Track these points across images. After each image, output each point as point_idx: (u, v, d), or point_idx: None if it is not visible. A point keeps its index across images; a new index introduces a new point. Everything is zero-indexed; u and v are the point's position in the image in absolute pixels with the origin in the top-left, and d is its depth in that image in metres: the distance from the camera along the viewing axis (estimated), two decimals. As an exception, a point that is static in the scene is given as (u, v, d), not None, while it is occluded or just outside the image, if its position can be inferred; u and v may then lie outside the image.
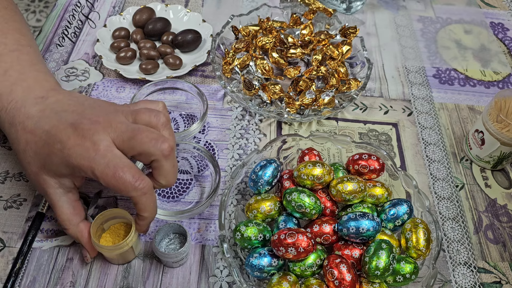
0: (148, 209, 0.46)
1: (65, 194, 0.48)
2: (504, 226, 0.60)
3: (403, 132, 0.69)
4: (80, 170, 0.44)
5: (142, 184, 0.44)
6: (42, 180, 0.47)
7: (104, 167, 0.43)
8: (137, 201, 0.45)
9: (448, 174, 0.65)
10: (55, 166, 0.45)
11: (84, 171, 0.43)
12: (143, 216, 0.47)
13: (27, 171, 0.48)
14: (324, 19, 0.78)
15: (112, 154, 0.44)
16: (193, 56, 0.75)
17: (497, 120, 0.60)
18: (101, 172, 0.43)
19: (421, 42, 0.84)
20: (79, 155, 0.43)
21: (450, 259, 0.57)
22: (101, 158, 0.43)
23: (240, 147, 0.65)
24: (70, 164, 0.44)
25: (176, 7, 0.80)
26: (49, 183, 0.46)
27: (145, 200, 0.45)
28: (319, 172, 0.52)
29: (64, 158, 0.44)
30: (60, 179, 0.46)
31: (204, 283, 0.52)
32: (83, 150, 0.43)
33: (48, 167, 0.45)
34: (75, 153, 0.43)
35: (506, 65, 0.82)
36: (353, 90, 0.69)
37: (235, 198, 0.58)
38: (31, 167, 0.47)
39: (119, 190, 0.44)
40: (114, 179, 0.43)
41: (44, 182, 0.47)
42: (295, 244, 0.47)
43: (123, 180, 0.43)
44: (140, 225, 0.49)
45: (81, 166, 0.43)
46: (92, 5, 0.83)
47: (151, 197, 0.46)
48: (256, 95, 0.67)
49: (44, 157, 0.45)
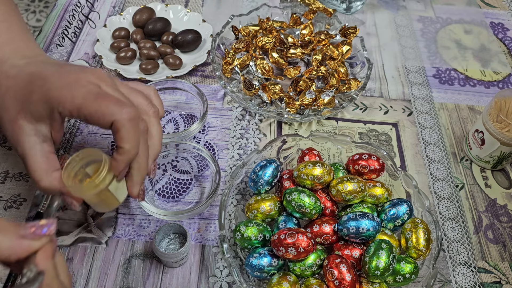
0: (130, 139, 0.42)
1: (39, 143, 0.44)
2: (504, 226, 0.60)
3: (403, 132, 0.69)
4: (60, 103, 0.41)
5: (128, 107, 0.41)
6: (17, 127, 0.44)
7: (86, 93, 0.41)
8: (119, 127, 0.41)
9: (448, 174, 0.65)
10: (34, 105, 0.42)
11: (63, 102, 0.41)
12: (122, 148, 0.42)
13: (3, 119, 0.45)
14: (324, 19, 0.78)
15: (94, 86, 0.42)
16: (193, 56, 0.75)
17: (497, 120, 0.60)
18: (83, 98, 0.41)
19: (421, 42, 0.84)
20: (60, 86, 0.42)
21: (450, 259, 0.57)
22: (82, 87, 0.41)
23: (240, 147, 0.65)
24: (50, 98, 0.42)
25: (176, 7, 0.80)
26: (25, 130, 0.43)
27: (129, 127, 0.41)
28: (319, 172, 0.52)
29: (44, 93, 0.42)
30: (37, 125, 0.43)
31: (204, 283, 0.52)
32: (65, 82, 0.42)
33: (27, 108, 0.43)
34: (56, 85, 0.42)
35: (506, 65, 0.82)
36: (353, 90, 0.69)
37: (235, 198, 0.58)
38: (9, 113, 0.44)
39: (101, 115, 0.41)
40: (97, 103, 0.41)
41: (20, 129, 0.43)
42: (295, 244, 0.47)
43: (106, 102, 0.41)
44: (118, 161, 0.43)
45: (61, 97, 0.41)
46: (92, 5, 0.83)
47: (136, 127, 0.42)
48: (256, 95, 0.67)
49: (23, 98, 0.43)
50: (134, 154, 0.43)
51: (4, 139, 0.62)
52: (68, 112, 0.42)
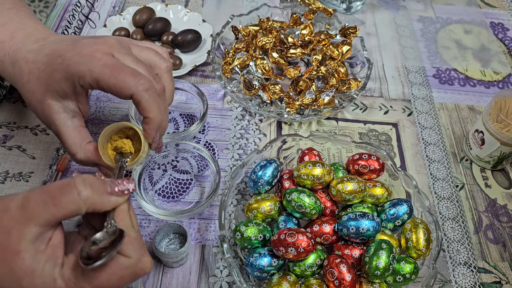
0: (153, 108, 0.44)
1: (70, 119, 0.47)
2: (504, 226, 0.60)
3: (403, 132, 0.69)
4: (80, 77, 0.44)
5: (143, 79, 0.43)
6: (47, 107, 0.46)
7: (102, 67, 0.43)
8: (139, 99, 0.43)
9: (448, 174, 0.65)
10: (58, 83, 0.45)
11: (83, 77, 0.43)
12: (148, 118, 0.45)
13: (32, 103, 0.47)
14: (324, 19, 0.78)
15: (109, 58, 0.44)
16: (193, 56, 0.75)
17: (497, 120, 0.60)
18: (100, 73, 0.43)
19: (421, 42, 0.84)
20: (77, 62, 0.44)
21: (450, 259, 0.57)
22: (98, 61, 0.43)
23: (240, 147, 0.65)
24: (70, 75, 0.44)
25: (176, 7, 0.80)
26: (54, 108, 0.46)
27: (148, 97, 0.44)
28: (319, 172, 0.52)
29: (64, 71, 0.44)
30: (64, 102, 0.46)
31: (204, 283, 0.52)
32: (81, 57, 0.44)
33: (52, 88, 0.45)
34: (74, 61, 0.44)
35: (506, 65, 0.82)
36: (353, 90, 0.69)
37: (235, 198, 0.58)
38: (35, 96, 0.46)
39: (120, 89, 0.43)
40: (114, 77, 0.43)
41: (49, 109, 0.46)
42: (295, 244, 0.47)
43: (122, 76, 0.43)
44: (147, 130, 0.46)
45: (80, 72, 0.43)
46: (92, 5, 0.83)
47: (154, 95, 0.44)
48: (256, 95, 0.67)
49: (46, 79, 0.45)
50: (160, 119, 0.45)
51: (4, 139, 0.62)
52: (88, 85, 0.44)
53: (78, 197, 0.34)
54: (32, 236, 0.33)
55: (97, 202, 0.35)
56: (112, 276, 0.35)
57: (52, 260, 0.34)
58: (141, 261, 0.36)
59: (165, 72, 0.50)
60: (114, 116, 0.66)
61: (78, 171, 0.57)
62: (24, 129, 0.63)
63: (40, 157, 0.61)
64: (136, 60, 0.46)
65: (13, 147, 0.62)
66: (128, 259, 0.36)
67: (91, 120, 0.65)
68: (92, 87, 0.45)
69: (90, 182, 0.35)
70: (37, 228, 0.33)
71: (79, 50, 0.45)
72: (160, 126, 0.46)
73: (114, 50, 0.45)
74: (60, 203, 0.33)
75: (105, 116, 0.66)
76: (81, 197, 0.34)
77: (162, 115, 0.46)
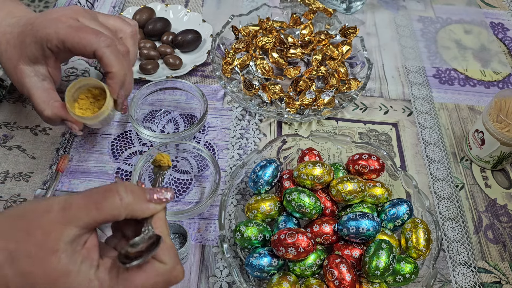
0: (115, 63, 0.49)
1: (40, 82, 0.51)
2: (504, 226, 0.60)
3: (403, 132, 0.69)
4: (47, 40, 0.48)
5: (104, 36, 0.48)
6: (19, 72, 0.51)
7: (67, 28, 0.48)
8: (101, 54, 0.48)
9: (448, 174, 0.65)
10: (29, 48, 0.49)
11: (50, 39, 0.48)
12: (112, 72, 0.49)
13: (8, 70, 0.52)
14: (324, 19, 0.78)
15: (74, 21, 0.49)
16: (193, 56, 0.75)
17: (497, 120, 0.60)
18: (65, 34, 0.48)
19: (421, 42, 0.84)
20: (44, 26, 0.48)
21: (450, 259, 0.57)
22: (63, 23, 0.48)
23: (240, 147, 0.65)
24: (39, 38, 0.48)
25: (176, 7, 0.80)
26: (26, 73, 0.51)
27: (110, 53, 0.48)
28: (319, 172, 0.52)
29: (33, 35, 0.49)
30: (35, 66, 0.51)
31: (204, 283, 0.52)
32: (48, 22, 0.49)
33: (24, 53, 0.50)
34: (42, 26, 0.49)
35: (506, 65, 0.82)
36: (353, 90, 0.69)
37: (235, 198, 0.58)
38: (11, 61, 0.51)
39: (83, 47, 0.48)
40: (77, 36, 0.47)
41: (21, 73, 0.51)
42: (295, 244, 0.47)
43: (84, 35, 0.48)
44: (111, 85, 0.50)
45: (47, 35, 0.48)
46: (92, 5, 0.83)
47: (115, 51, 0.49)
48: (256, 95, 0.67)
49: (19, 46, 0.50)
50: (123, 75, 0.50)
51: (4, 139, 0.62)
52: (55, 46, 0.49)
53: (120, 203, 0.34)
54: (71, 238, 0.33)
55: (136, 208, 0.36)
56: (147, 280, 0.35)
57: (88, 261, 0.34)
58: (175, 269, 0.37)
59: (129, 37, 0.55)
60: (114, 116, 0.66)
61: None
62: (24, 129, 0.63)
63: (40, 157, 0.61)
64: (100, 24, 0.51)
65: (13, 147, 0.62)
66: (164, 265, 0.36)
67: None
68: (59, 49, 0.49)
69: (131, 189, 0.35)
70: (76, 230, 0.33)
71: (47, 16, 0.50)
72: (124, 82, 0.51)
73: (79, 15, 0.50)
74: (102, 208, 0.34)
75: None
76: (123, 203, 0.35)
77: (124, 71, 0.50)
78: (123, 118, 0.66)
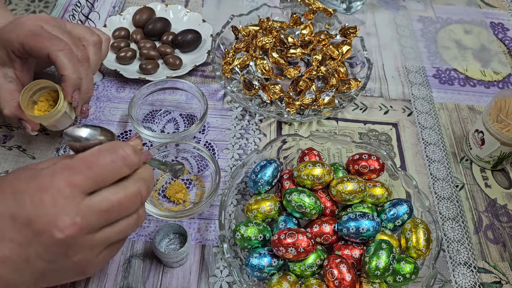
0: (67, 67, 0.51)
1: (6, 83, 0.54)
2: (504, 226, 0.60)
3: (403, 132, 0.69)
4: (10, 43, 0.51)
5: (58, 41, 0.50)
6: None
7: (27, 32, 0.51)
8: (54, 58, 0.50)
9: (448, 174, 0.65)
10: None
11: (12, 42, 0.51)
12: (64, 75, 0.51)
13: None
14: (324, 19, 0.78)
15: (36, 27, 0.52)
16: (193, 56, 0.75)
17: (497, 120, 0.60)
18: (24, 37, 0.50)
19: (421, 42, 0.84)
20: (9, 31, 0.51)
21: (450, 259, 0.57)
22: (25, 28, 0.51)
23: (240, 147, 0.65)
24: (3, 42, 0.51)
25: (176, 7, 0.80)
26: None
27: (62, 57, 0.50)
28: (319, 172, 0.52)
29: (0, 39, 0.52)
30: (2, 69, 0.54)
31: (204, 283, 0.52)
32: (13, 27, 0.52)
33: None
34: (6, 30, 0.52)
35: (506, 65, 0.82)
36: (353, 90, 0.69)
37: (235, 198, 0.58)
38: None
39: (39, 49, 0.50)
40: (34, 39, 0.50)
41: None
42: (295, 244, 0.47)
43: (41, 39, 0.50)
44: (64, 87, 0.52)
45: (10, 38, 0.51)
46: (92, 5, 0.83)
47: (68, 55, 0.51)
48: (256, 95, 0.67)
49: None
50: (75, 78, 0.52)
51: (4, 139, 0.62)
52: (16, 50, 0.51)
53: None
54: None
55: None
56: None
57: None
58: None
59: (92, 45, 0.56)
60: (114, 116, 0.66)
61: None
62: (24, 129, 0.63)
63: (40, 157, 0.61)
64: (62, 32, 0.53)
65: (13, 147, 0.62)
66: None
67: (91, 120, 0.65)
68: (20, 52, 0.51)
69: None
70: None
71: (14, 22, 0.52)
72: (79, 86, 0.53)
73: (44, 22, 0.53)
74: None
75: (105, 116, 0.66)
76: None
77: (78, 74, 0.52)
78: (123, 118, 0.66)
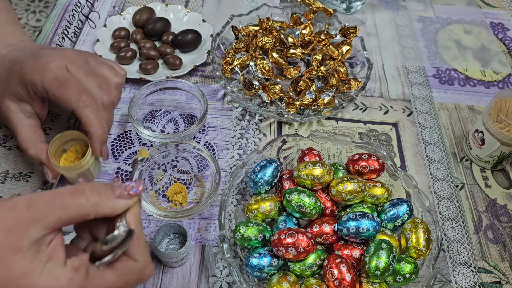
0: (93, 123, 0.49)
1: (26, 119, 0.52)
2: (504, 226, 0.60)
3: (403, 132, 0.69)
4: (33, 85, 0.48)
5: (85, 97, 0.48)
6: (4, 106, 0.51)
7: (52, 79, 0.48)
8: (79, 114, 0.48)
9: (448, 174, 0.65)
10: (14, 87, 0.49)
11: (36, 85, 0.48)
12: (90, 131, 0.49)
13: None
14: (324, 19, 0.78)
15: (61, 71, 0.49)
16: (193, 56, 0.75)
17: (497, 120, 0.60)
18: (49, 84, 0.47)
19: (421, 42, 0.84)
20: (32, 71, 0.48)
21: (450, 259, 0.57)
22: (51, 73, 0.48)
23: (240, 147, 0.65)
24: (25, 81, 0.48)
25: (176, 7, 0.80)
26: (11, 109, 0.51)
27: (88, 113, 0.48)
28: (319, 172, 0.52)
29: (20, 77, 0.49)
30: (20, 104, 0.51)
31: (204, 283, 0.52)
32: (36, 67, 0.48)
33: (9, 90, 0.50)
34: (30, 70, 0.48)
35: (506, 65, 0.82)
36: (353, 90, 0.69)
37: (235, 198, 0.58)
38: None
39: (64, 102, 0.48)
40: (59, 90, 0.47)
41: (7, 108, 0.51)
42: (295, 244, 0.47)
43: (66, 91, 0.48)
44: (92, 144, 0.50)
45: (33, 80, 0.48)
46: (92, 5, 0.83)
47: (94, 111, 0.49)
48: (256, 95, 0.67)
49: (5, 82, 0.50)
50: (102, 133, 0.50)
51: (4, 139, 0.62)
52: (40, 93, 0.49)
53: (86, 202, 0.34)
54: (35, 237, 0.32)
55: (105, 206, 0.35)
56: (119, 278, 0.35)
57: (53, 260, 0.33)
58: (147, 267, 0.37)
59: (114, 88, 0.54)
60: (114, 116, 0.66)
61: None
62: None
63: (40, 157, 0.61)
64: (87, 73, 0.51)
65: (13, 147, 0.62)
66: (136, 263, 0.36)
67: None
68: (43, 96, 0.49)
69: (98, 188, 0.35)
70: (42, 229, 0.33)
71: (36, 60, 0.49)
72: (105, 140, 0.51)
73: (68, 61, 0.50)
74: (69, 207, 0.33)
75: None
76: (89, 202, 0.34)
77: (104, 129, 0.50)
78: (123, 118, 0.66)
